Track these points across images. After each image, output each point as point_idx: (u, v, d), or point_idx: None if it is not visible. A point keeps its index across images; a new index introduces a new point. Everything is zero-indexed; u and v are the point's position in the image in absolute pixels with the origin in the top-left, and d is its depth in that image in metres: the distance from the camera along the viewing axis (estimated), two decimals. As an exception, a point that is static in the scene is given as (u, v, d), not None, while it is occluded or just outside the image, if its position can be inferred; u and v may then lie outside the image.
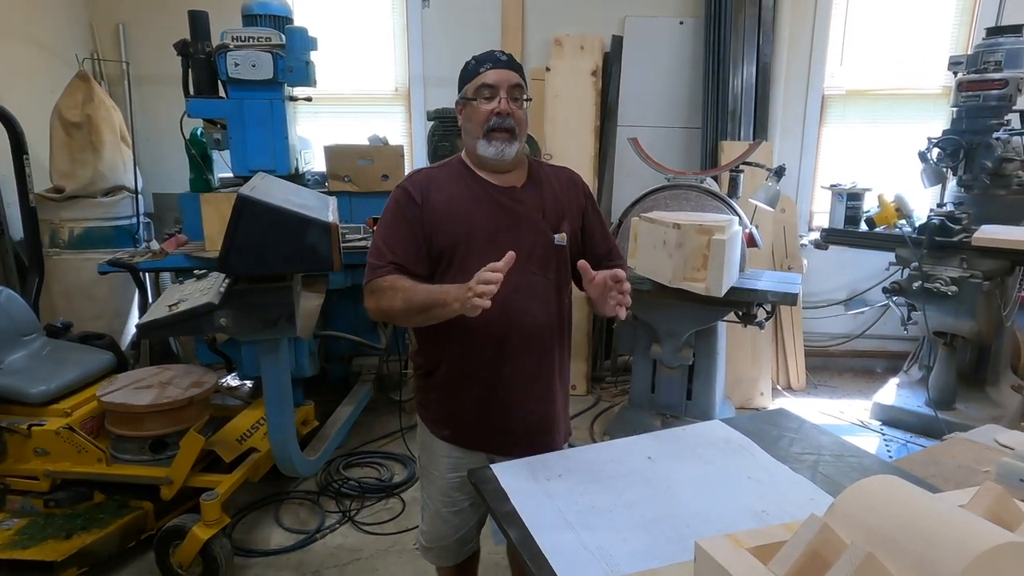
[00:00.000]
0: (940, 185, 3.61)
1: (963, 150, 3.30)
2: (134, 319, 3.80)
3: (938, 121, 3.98)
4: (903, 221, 3.35)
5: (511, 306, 1.56)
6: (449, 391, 1.68)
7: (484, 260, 1.46)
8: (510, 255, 1.38)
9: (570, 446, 1.75)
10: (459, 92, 1.63)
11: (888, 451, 3.32)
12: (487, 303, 1.34)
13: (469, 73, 1.61)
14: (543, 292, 1.62)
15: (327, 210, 2.28)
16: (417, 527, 2.64)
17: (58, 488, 2.51)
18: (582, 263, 1.51)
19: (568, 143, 3.97)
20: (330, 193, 3.25)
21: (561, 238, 1.64)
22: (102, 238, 3.67)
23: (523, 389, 1.65)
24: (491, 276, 1.34)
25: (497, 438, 1.67)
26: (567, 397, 1.80)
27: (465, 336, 1.57)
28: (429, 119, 3.70)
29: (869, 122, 4.25)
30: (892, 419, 3.58)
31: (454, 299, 1.40)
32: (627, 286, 1.48)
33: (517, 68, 1.61)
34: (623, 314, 1.49)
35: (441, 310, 1.45)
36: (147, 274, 3.41)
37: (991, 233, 3.05)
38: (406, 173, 3.53)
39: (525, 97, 1.62)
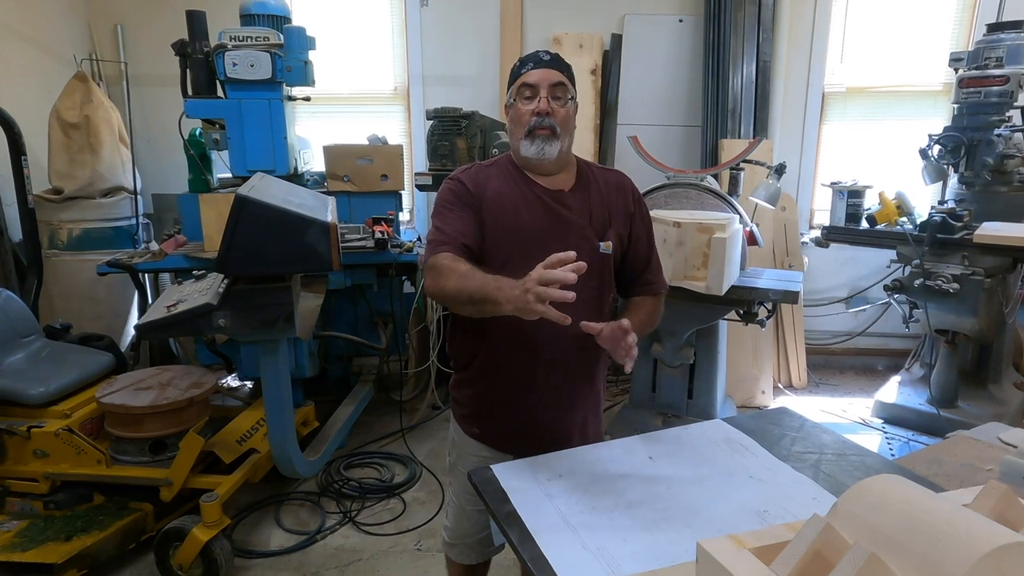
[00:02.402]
0: (941, 182, 3.60)
1: (964, 147, 3.29)
2: (133, 320, 3.79)
3: (939, 118, 3.97)
4: (904, 218, 3.34)
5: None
6: (479, 390, 1.68)
7: (526, 263, 1.40)
8: (571, 254, 1.25)
9: None
10: (507, 95, 1.63)
11: (890, 449, 3.31)
12: (545, 310, 1.20)
13: (513, 75, 1.61)
14: (583, 300, 1.56)
15: (326, 210, 2.27)
16: (418, 527, 2.67)
17: (58, 490, 2.50)
18: (584, 324, 1.41)
19: (568, 142, 3.96)
20: (329, 193, 3.24)
21: (606, 246, 1.60)
22: (101, 239, 3.66)
23: (554, 396, 1.63)
24: (553, 275, 1.19)
25: (525, 442, 1.62)
26: (600, 404, 1.78)
27: (497, 336, 1.55)
28: (428, 118, 3.70)
29: (870, 119, 4.24)
30: (894, 417, 3.57)
31: (507, 300, 1.26)
32: (631, 338, 1.41)
33: (562, 67, 1.59)
34: (629, 367, 1.43)
35: (493, 307, 1.32)
36: (146, 275, 3.41)
37: (992, 230, 3.04)
38: (405, 173, 3.57)
39: (570, 96, 1.59)
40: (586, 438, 1.71)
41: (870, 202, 3.51)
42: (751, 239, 3.12)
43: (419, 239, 3.30)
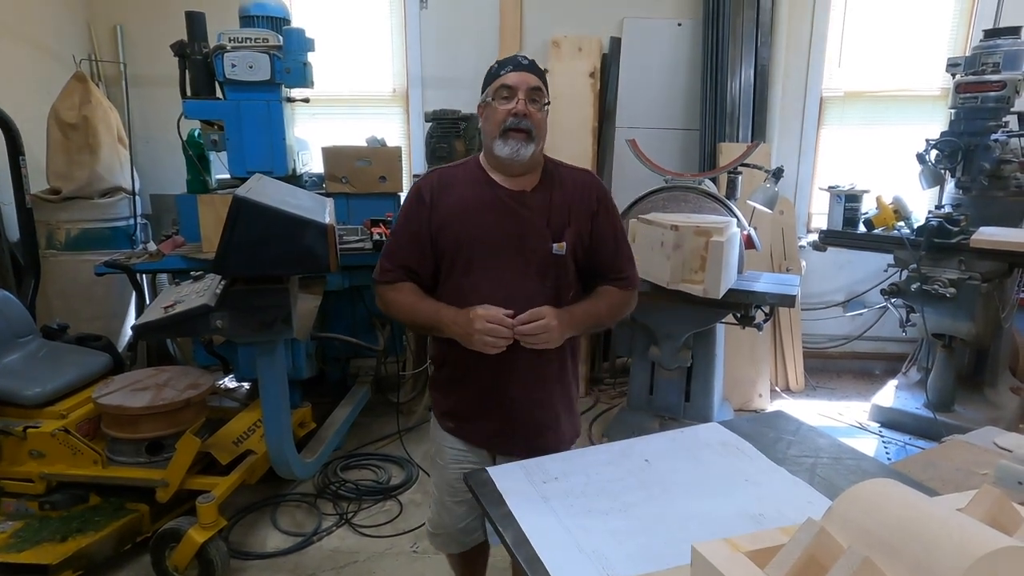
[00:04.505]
0: (938, 187, 3.61)
1: (961, 152, 3.30)
2: (131, 321, 3.79)
3: (936, 123, 3.98)
4: (901, 223, 3.35)
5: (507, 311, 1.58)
6: (452, 387, 1.74)
7: (484, 266, 1.59)
8: (507, 320, 1.52)
9: None
10: (482, 95, 1.66)
11: (887, 453, 3.32)
12: (486, 348, 1.52)
13: (491, 76, 1.64)
14: (541, 298, 1.61)
15: (323, 211, 2.27)
16: (414, 530, 2.67)
17: (53, 491, 2.49)
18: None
19: (566, 145, 3.97)
20: (328, 194, 3.24)
21: (560, 247, 1.64)
22: (99, 239, 3.66)
23: (520, 392, 1.67)
24: (498, 319, 1.51)
25: (496, 437, 1.71)
26: (572, 401, 1.80)
27: None
28: (427, 120, 3.70)
29: (867, 124, 4.24)
30: (891, 421, 3.58)
31: (453, 331, 1.56)
32: (527, 327, 1.53)
33: (538, 72, 1.63)
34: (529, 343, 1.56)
35: (440, 332, 1.61)
36: (144, 275, 3.40)
37: (989, 235, 3.04)
38: (404, 174, 3.57)
39: (545, 101, 1.63)
40: (560, 435, 1.75)
41: (867, 206, 3.51)
42: (749, 243, 3.13)
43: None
